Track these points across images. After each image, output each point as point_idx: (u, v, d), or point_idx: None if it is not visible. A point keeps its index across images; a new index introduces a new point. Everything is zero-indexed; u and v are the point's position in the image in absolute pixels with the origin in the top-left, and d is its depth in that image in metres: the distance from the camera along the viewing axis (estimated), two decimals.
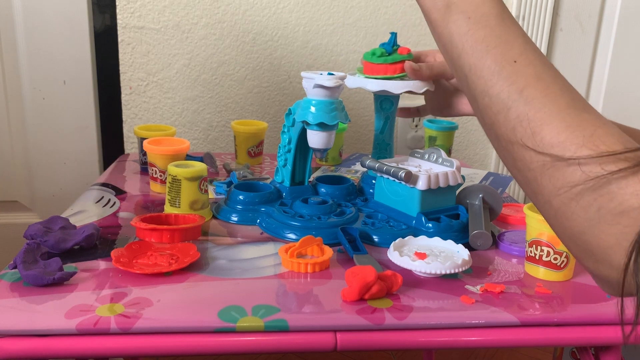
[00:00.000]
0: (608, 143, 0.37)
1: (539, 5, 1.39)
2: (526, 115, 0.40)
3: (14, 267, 0.64)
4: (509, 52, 0.43)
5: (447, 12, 0.46)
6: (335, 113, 0.77)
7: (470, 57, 0.44)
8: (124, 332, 0.55)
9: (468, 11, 0.45)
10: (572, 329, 0.60)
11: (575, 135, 0.38)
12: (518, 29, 0.45)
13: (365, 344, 0.57)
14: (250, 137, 1.13)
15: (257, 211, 0.84)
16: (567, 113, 0.39)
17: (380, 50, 0.85)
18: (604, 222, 0.36)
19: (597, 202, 0.36)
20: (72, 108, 1.35)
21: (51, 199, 1.40)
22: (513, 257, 0.75)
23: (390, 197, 0.83)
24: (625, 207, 0.35)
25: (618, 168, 0.36)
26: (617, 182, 0.36)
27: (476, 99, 0.44)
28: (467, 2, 0.45)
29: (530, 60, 0.43)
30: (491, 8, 0.45)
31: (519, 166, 0.41)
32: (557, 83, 0.42)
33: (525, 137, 0.40)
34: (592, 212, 0.37)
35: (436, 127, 1.16)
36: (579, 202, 0.37)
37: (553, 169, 0.39)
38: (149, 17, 1.28)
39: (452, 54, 0.46)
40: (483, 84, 0.43)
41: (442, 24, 0.46)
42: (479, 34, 0.44)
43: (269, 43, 1.34)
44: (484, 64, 0.43)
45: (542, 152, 0.39)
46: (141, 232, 0.74)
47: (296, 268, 0.68)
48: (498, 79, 0.42)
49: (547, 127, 0.39)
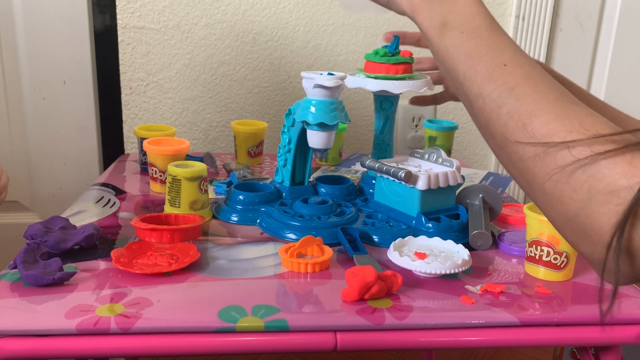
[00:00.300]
0: (597, 128, 0.39)
1: (539, 5, 1.39)
2: (517, 110, 0.43)
3: (14, 267, 0.64)
4: (499, 58, 0.47)
5: (442, 29, 0.51)
6: (335, 113, 0.77)
7: (464, 65, 0.48)
8: (124, 332, 0.55)
9: (461, 26, 0.50)
10: (572, 329, 0.60)
11: (564, 124, 0.40)
12: (507, 38, 0.49)
13: (365, 344, 0.57)
14: (250, 137, 1.13)
15: (257, 211, 0.84)
16: (556, 105, 0.42)
17: (384, 51, 0.85)
18: (596, 202, 0.37)
19: (588, 183, 0.38)
20: (72, 108, 1.35)
21: (51, 199, 1.40)
22: (513, 257, 0.75)
23: (390, 197, 0.83)
24: (614, 186, 0.37)
25: (606, 149, 0.38)
26: (605, 162, 0.37)
27: (471, 102, 0.47)
28: (460, 18, 0.50)
29: (519, 63, 0.46)
30: (482, 22, 0.50)
31: (513, 159, 0.43)
32: (546, 81, 0.44)
33: (517, 130, 0.42)
34: (583, 193, 0.38)
35: (436, 127, 1.16)
36: (570, 183, 0.39)
37: (544, 154, 0.40)
38: (149, 17, 1.28)
39: (449, 65, 0.50)
40: (476, 88, 0.47)
41: (438, 40, 0.51)
42: (471, 44, 0.48)
43: (269, 43, 1.34)
44: (476, 69, 0.47)
45: (533, 142, 0.41)
46: (141, 232, 0.74)
47: (296, 268, 0.68)
48: (489, 81, 0.46)
49: (537, 118, 0.42)
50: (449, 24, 0.51)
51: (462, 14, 0.51)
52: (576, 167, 0.38)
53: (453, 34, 0.50)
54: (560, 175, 0.39)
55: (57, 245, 0.69)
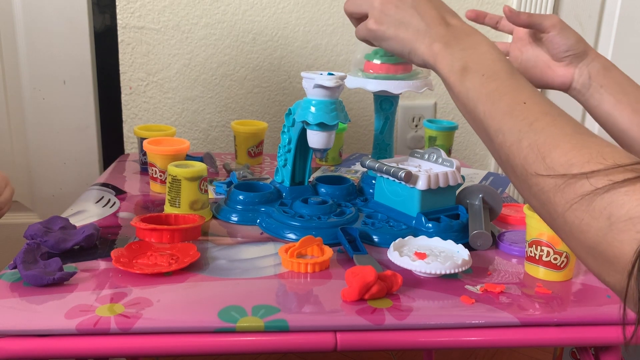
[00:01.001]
0: (615, 158, 0.40)
1: (539, 6, 1.39)
2: (536, 142, 0.44)
3: (14, 267, 0.64)
4: (518, 97, 0.48)
5: (463, 73, 0.53)
6: (335, 113, 0.77)
7: (484, 105, 0.50)
8: (124, 332, 0.55)
9: (481, 70, 0.52)
10: (572, 329, 0.60)
11: (582, 154, 0.41)
12: (526, 81, 0.51)
13: (365, 344, 0.57)
14: (250, 137, 1.13)
15: (257, 211, 0.84)
16: (573, 137, 0.43)
17: (384, 50, 0.85)
18: (616, 230, 0.37)
19: (607, 210, 0.38)
20: (72, 108, 1.35)
21: (51, 199, 1.40)
22: (513, 257, 0.75)
23: (390, 197, 0.83)
24: (634, 213, 0.37)
25: (625, 178, 0.38)
26: (625, 190, 0.37)
27: (492, 139, 0.49)
28: (480, 63, 0.53)
29: (538, 101, 0.48)
30: (502, 67, 0.52)
31: (534, 191, 0.44)
32: (563, 116, 0.46)
33: (537, 162, 0.43)
34: (603, 220, 0.38)
35: (436, 127, 1.16)
36: (590, 211, 0.39)
37: (564, 185, 0.41)
38: (149, 17, 1.28)
39: (469, 106, 0.52)
40: (496, 124, 0.48)
41: (459, 84, 0.53)
42: (492, 85, 0.50)
43: (269, 43, 1.34)
44: (497, 107, 0.49)
45: (553, 173, 0.42)
46: (141, 232, 0.74)
47: (296, 268, 0.68)
48: (510, 117, 0.47)
49: (555, 150, 0.43)
50: (470, 68, 0.52)
51: (483, 60, 0.53)
52: (595, 195, 0.39)
53: (474, 77, 0.52)
54: (580, 204, 0.39)
55: (57, 245, 0.69)
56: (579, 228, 0.40)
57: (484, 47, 0.54)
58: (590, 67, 0.73)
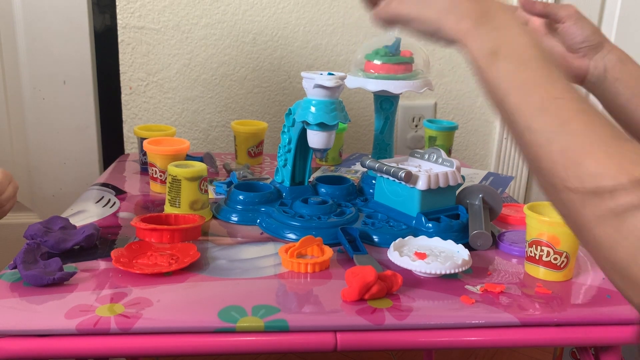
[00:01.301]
0: None
1: None
2: (567, 148, 0.41)
3: (14, 267, 0.64)
4: (552, 91, 0.44)
5: (493, 58, 0.48)
6: (335, 113, 0.77)
7: (515, 97, 0.46)
8: (124, 332, 0.55)
9: (513, 56, 0.47)
10: (572, 329, 0.60)
11: (616, 164, 0.38)
12: (559, 71, 0.46)
13: (365, 344, 0.57)
14: (250, 137, 1.13)
15: (257, 211, 0.84)
16: (609, 143, 0.40)
17: (384, 50, 0.85)
18: None
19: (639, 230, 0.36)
20: (72, 108, 1.35)
21: (51, 199, 1.40)
22: (513, 257, 0.75)
23: (390, 197, 0.83)
24: None
25: None
26: None
27: (520, 135, 0.45)
28: (512, 48, 0.48)
29: (573, 97, 0.43)
30: (534, 53, 0.47)
31: (562, 198, 0.41)
32: (599, 117, 0.42)
33: (566, 171, 0.40)
34: (634, 240, 0.36)
35: (436, 127, 1.16)
36: (621, 230, 0.37)
37: (595, 197, 0.38)
38: (149, 17, 1.28)
39: (498, 95, 0.48)
40: (526, 120, 0.44)
41: (488, 69, 0.48)
42: (524, 75, 0.46)
43: (269, 43, 1.34)
44: (528, 101, 0.45)
45: (584, 182, 0.39)
46: (141, 232, 0.74)
47: (296, 268, 0.68)
48: (541, 114, 0.43)
49: (587, 158, 0.39)
50: (501, 53, 0.48)
51: (515, 44, 0.48)
52: (627, 211, 0.36)
53: (504, 63, 0.48)
54: (610, 220, 0.37)
55: (57, 245, 0.69)
56: (608, 245, 0.38)
57: (516, 29, 0.49)
58: (606, 60, 0.71)
